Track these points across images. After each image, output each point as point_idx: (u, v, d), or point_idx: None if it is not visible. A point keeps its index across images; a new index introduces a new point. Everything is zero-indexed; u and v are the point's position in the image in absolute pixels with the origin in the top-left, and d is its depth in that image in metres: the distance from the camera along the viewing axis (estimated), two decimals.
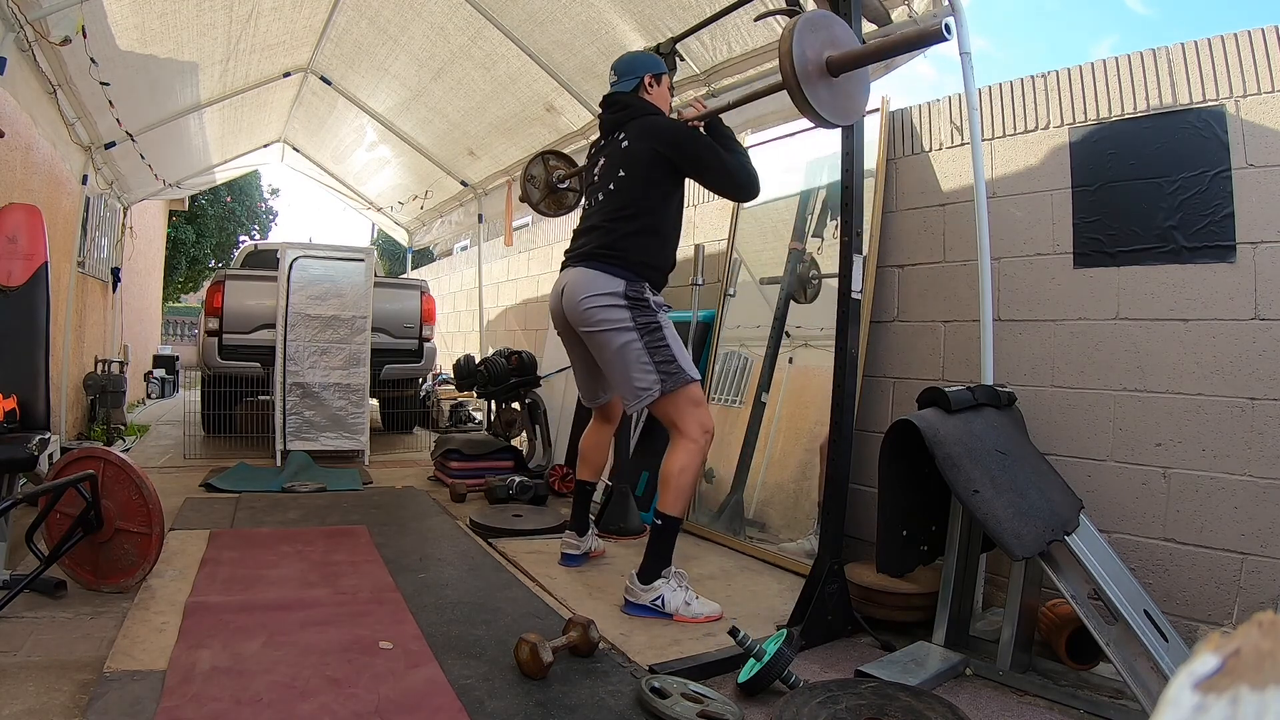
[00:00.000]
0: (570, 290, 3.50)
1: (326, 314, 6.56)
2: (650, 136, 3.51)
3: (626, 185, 3.51)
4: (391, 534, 4.39)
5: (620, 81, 3.78)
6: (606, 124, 3.77)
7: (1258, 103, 2.97)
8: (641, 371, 3.35)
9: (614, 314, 3.37)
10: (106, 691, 2.34)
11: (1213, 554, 2.98)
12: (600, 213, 3.59)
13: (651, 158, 3.48)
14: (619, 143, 3.60)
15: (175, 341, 20.75)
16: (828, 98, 2.74)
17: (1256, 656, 0.50)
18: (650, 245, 3.50)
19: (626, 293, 3.38)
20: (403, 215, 11.12)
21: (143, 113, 6.74)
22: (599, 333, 3.41)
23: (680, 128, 3.54)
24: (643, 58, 3.86)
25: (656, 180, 3.50)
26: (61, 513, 3.24)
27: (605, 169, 3.64)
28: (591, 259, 3.48)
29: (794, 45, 2.60)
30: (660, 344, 3.36)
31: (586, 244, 3.55)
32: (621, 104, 3.71)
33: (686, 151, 3.47)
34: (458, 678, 2.58)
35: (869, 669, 2.83)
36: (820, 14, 2.82)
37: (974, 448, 2.83)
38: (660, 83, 3.78)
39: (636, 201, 3.49)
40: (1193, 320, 3.08)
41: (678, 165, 3.51)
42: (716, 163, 3.45)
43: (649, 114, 3.64)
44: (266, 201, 23.70)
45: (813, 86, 2.68)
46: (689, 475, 3.34)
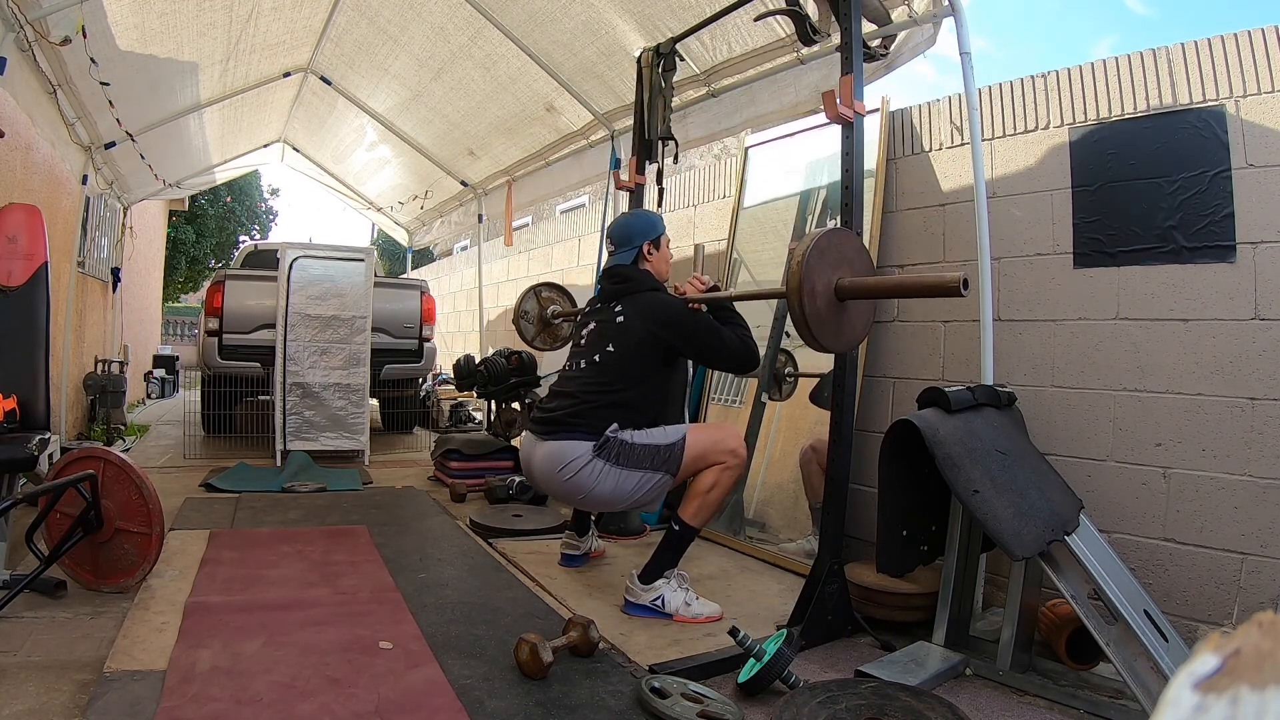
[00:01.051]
0: (541, 466, 3.42)
1: (326, 314, 6.55)
2: (649, 317, 3.45)
3: (611, 362, 3.44)
4: (391, 534, 4.39)
5: (618, 252, 3.72)
6: (605, 293, 3.69)
7: (1258, 103, 2.97)
8: (647, 483, 3.33)
9: (588, 470, 3.30)
10: (106, 691, 2.34)
11: (1213, 554, 2.98)
12: (577, 382, 3.50)
13: (644, 337, 3.42)
14: (614, 313, 3.52)
15: (175, 341, 20.73)
16: (832, 329, 2.73)
17: (1256, 656, 0.50)
18: (624, 413, 3.40)
19: (593, 450, 3.31)
20: (403, 215, 11.12)
21: (143, 113, 6.74)
22: (588, 491, 3.35)
23: (679, 309, 3.49)
24: (639, 223, 3.78)
25: (646, 359, 3.44)
26: (61, 513, 3.24)
27: (593, 337, 3.57)
28: (559, 430, 3.38)
29: (803, 278, 2.59)
30: (638, 450, 3.32)
31: (556, 411, 3.46)
32: (622, 276, 3.63)
33: (684, 334, 3.43)
34: (458, 678, 2.58)
35: (869, 669, 2.83)
36: (833, 234, 2.78)
37: (974, 448, 2.83)
38: (659, 246, 3.72)
39: (615, 382, 3.40)
40: (1193, 320, 3.08)
41: (675, 346, 3.46)
42: (715, 343, 3.43)
43: (649, 290, 3.57)
44: (266, 201, 23.69)
45: (819, 320, 2.67)
46: (718, 492, 3.32)
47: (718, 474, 3.30)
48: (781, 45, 4.66)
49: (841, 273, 2.72)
